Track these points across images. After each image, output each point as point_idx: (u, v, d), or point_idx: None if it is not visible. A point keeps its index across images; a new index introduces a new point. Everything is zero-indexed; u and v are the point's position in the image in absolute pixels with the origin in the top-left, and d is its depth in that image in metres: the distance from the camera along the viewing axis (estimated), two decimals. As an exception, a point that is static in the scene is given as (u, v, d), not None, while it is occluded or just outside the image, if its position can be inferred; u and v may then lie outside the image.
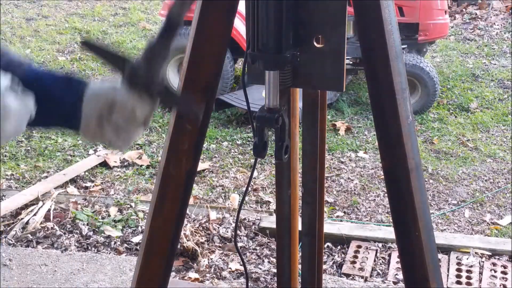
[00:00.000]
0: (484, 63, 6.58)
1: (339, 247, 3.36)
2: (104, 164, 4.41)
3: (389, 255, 3.27)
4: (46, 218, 3.58)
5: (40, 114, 1.04)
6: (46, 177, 4.20)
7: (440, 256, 3.17)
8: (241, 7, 1.34)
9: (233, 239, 3.40)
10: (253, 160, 1.38)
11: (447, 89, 5.80)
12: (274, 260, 3.19)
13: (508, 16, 7.95)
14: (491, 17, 7.93)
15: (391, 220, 1.59)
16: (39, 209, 3.64)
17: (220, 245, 3.37)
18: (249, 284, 3.03)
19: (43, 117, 1.07)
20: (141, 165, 4.41)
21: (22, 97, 1.01)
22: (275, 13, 1.25)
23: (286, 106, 1.45)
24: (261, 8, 1.26)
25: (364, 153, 4.61)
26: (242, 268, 3.17)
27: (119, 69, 1.10)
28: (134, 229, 3.55)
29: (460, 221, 3.69)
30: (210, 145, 4.71)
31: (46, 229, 3.48)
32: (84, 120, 1.14)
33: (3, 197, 3.84)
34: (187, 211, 2.68)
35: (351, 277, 3.10)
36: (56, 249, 3.35)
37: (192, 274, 3.12)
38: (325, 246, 3.30)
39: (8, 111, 0.97)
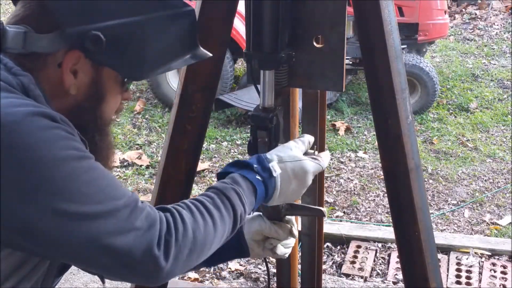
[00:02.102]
0: (484, 63, 6.58)
1: (338, 247, 3.36)
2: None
3: (389, 255, 3.27)
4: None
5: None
6: (46, 177, 4.20)
7: (439, 256, 3.18)
8: (241, 7, 1.34)
9: (232, 239, 3.40)
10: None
11: (447, 89, 5.80)
12: (274, 260, 3.19)
13: (508, 16, 7.96)
14: (490, 17, 7.94)
15: (391, 220, 1.59)
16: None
17: (220, 245, 3.37)
18: (249, 284, 3.03)
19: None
20: (140, 165, 4.41)
21: None
22: (271, 13, 1.26)
23: (282, 106, 1.45)
24: (257, 8, 1.26)
25: (363, 153, 4.61)
26: (241, 268, 3.17)
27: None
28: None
29: (459, 221, 3.69)
30: (209, 145, 4.71)
31: (45, 229, 3.48)
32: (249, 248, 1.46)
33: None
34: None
35: (350, 277, 3.10)
36: (56, 249, 3.34)
37: (192, 274, 3.12)
38: (325, 246, 3.30)
39: None
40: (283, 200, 1.28)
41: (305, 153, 1.32)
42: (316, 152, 1.33)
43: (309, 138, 1.34)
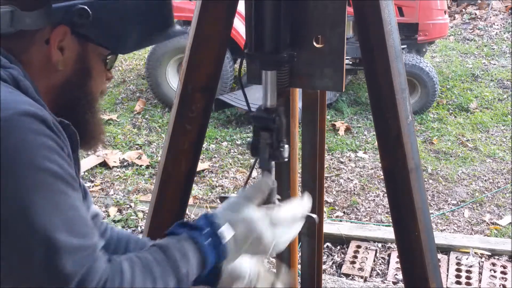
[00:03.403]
0: (484, 63, 6.58)
1: (338, 247, 3.36)
2: (104, 164, 4.41)
3: (389, 255, 3.27)
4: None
5: None
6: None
7: (439, 256, 3.18)
8: (241, 7, 1.34)
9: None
10: (253, 160, 1.38)
11: (447, 89, 5.80)
12: (274, 260, 3.19)
13: (508, 16, 7.96)
14: (490, 17, 7.94)
15: (391, 220, 1.59)
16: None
17: (220, 245, 3.37)
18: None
19: None
20: (140, 165, 4.41)
21: None
22: (273, 13, 1.25)
23: (284, 106, 1.45)
24: (258, 8, 1.26)
25: (363, 153, 4.61)
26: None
27: None
28: (133, 229, 3.55)
29: (459, 221, 3.69)
30: (209, 145, 4.71)
31: (45, 229, 3.48)
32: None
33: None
34: (187, 211, 2.68)
35: (350, 277, 3.09)
36: (56, 249, 3.34)
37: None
38: (325, 246, 3.30)
39: None
40: (252, 255, 1.21)
41: (268, 200, 1.25)
42: (278, 201, 1.25)
43: (265, 184, 1.25)
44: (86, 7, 1.10)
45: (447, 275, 3.06)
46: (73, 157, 1.12)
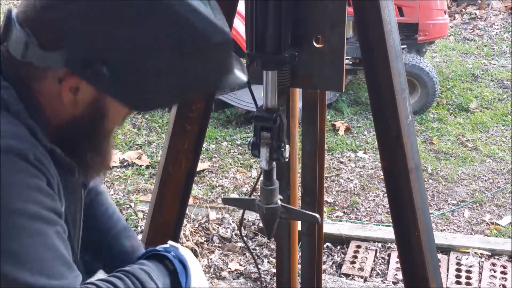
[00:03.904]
0: (484, 63, 6.58)
1: (338, 247, 3.36)
2: (104, 164, 4.40)
3: (389, 255, 3.27)
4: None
5: None
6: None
7: (439, 256, 3.17)
8: (241, 7, 1.34)
9: (232, 240, 3.41)
10: (253, 160, 1.38)
11: (447, 89, 5.80)
12: (274, 260, 3.19)
13: (508, 16, 7.95)
14: (490, 17, 7.94)
15: (391, 220, 1.59)
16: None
17: (220, 245, 3.37)
18: (249, 284, 3.03)
19: None
20: (140, 165, 4.41)
21: None
22: (274, 13, 1.25)
23: (285, 106, 1.45)
24: (259, 8, 1.26)
25: (363, 153, 4.61)
26: (241, 268, 3.17)
27: None
28: (133, 229, 3.54)
29: (459, 221, 3.69)
30: (209, 145, 4.71)
31: (45, 229, 3.48)
32: None
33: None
34: (187, 211, 2.68)
35: (350, 277, 3.09)
36: (56, 249, 3.34)
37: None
38: (325, 246, 3.30)
39: None
40: None
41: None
42: None
43: None
44: (104, 67, 0.98)
45: (447, 275, 3.06)
46: (68, 182, 1.11)
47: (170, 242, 1.32)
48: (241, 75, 1.14)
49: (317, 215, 1.49)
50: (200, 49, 1.03)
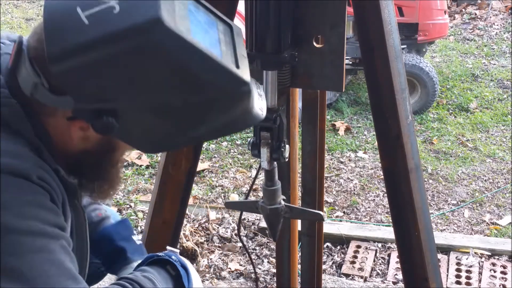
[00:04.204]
0: (484, 63, 6.58)
1: (338, 247, 3.36)
2: (104, 164, 4.40)
3: (389, 255, 3.27)
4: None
5: None
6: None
7: (439, 256, 3.17)
8: (241, 7, 1.34)
9: (232, 239, 3.40)
10: (253, 160, 1.38)
11: (447, 89, 5.80)
12: (274, 260, 3.19)
13: (508, 16, 7.95)
14: (490, 17, 7.94)
15: (391, 220, 1.59)
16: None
17: (220, 245, 3.37)
18: (249, 284, 3.03)
19: None
20: (140, 165, 4.40)
21: None
22: (273, 13, 1.25)
23: (285, 106, 1.45)
24: (259, 8, 1.26)
25: (363, 153, 4.61)
26: (241, 268, 3.17)
27: None
28: (133, 229, 3.54)
29: (459, 221, 3.69)
30: (209, 145, 4.71)
31: (45, 229, 3.48)
32: None
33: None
34: (187, 211, 2.68)
35: (350, 277, 3.09)
36: (56, 249, 3.34)
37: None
38: (325, 246, 3.30)
39: None
40: None
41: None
42: None
43: None
44: (113, 119, 0.95)
45: (447, 275, 3.06)
46: (72, 204, 1.11)
47: (168, 248, 1.33)
48: (258, 114, 1.07)
49: (321, 212, 1.49)
50: (210, 100, 0.98)
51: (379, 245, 3.34)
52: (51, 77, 0.97)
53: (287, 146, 1.37)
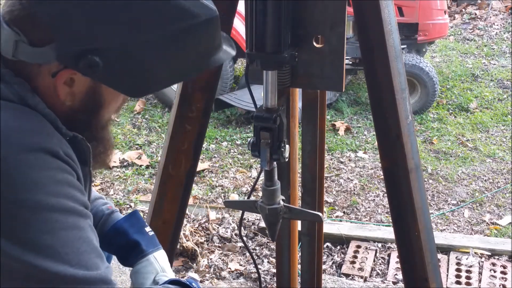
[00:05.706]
0: (484, 63, 6.58)
1: (338, 247, 3.36)
2: (104, 164, 4.40)
3: (389, 255, 3.27)
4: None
5: None
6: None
7: (439, 256, 3.17)
8: (241, 7, 1.34)
9: (232, 239, 3.40)
10: (253, 160, 1.39)
11: (447, 89, 5.80)
12: (274, 260, 3.19)
13: (508, 16, 7.95)
14: (490, 17, 7.94)
15: (391, 220, 1.59)
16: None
17: (220, 245, 3.37)
18: (249, 284, 3.03)
19: None
20: (140, 165, 4.41)
21: None
22: (273, 13, 1.25)
23: (285, 106, 1.45)
24: (259, 8, 1.26)
25: (363, 153, 4.61)
26: (241, 268, 3.17)
27: None
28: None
29: (459, 221, 3.69)
30: (209, 145, 4.71)
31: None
32: None
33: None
34: (187, 211, 2.68)
35: (350, 277, 3.09)
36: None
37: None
38: (325, 246, 3.30)
39: None
40: None
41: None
42: None
43: None
44: (97, 57, 0.99)
45: (447, 275, 3.06)
46: (85, 172, 1.13)
47: (190, 274, 1.39)
48: (230, 51, 1.17)
49: (320, 214, 1.49)
50: (189, 27, 1.05)
51: (379, 245, 3.34)
52: (31, 30, 1.01)
53: (287, 146, 1.37)
